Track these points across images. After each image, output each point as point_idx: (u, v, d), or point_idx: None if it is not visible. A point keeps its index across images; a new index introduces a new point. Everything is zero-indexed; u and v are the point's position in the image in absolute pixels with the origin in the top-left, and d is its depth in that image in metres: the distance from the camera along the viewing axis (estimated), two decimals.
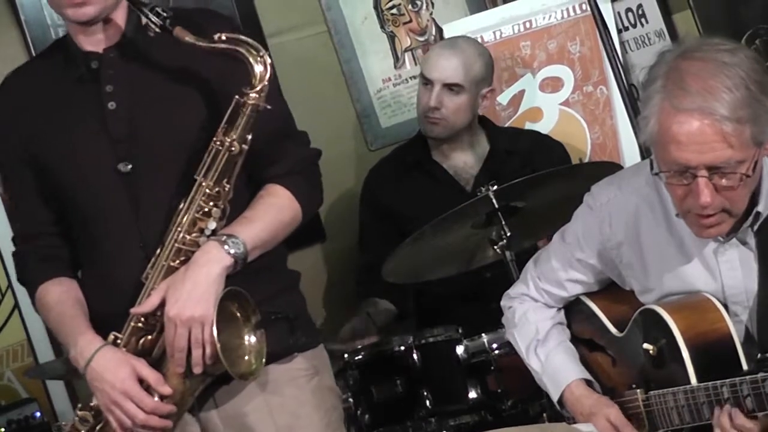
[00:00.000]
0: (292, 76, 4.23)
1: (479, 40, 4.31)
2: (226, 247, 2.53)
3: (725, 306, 2.54)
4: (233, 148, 2.54)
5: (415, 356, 3.41)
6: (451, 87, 3.92)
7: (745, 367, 2.46)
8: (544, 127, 4.37)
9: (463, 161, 4.05)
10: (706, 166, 2.35)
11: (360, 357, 3.48)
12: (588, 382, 2.76)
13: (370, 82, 4.42)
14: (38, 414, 3.73)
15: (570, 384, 2.76)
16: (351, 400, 3.47)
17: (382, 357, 3.45)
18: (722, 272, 2.54)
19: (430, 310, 4.06)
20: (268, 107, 2.55)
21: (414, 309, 4.13)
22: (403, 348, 3.43)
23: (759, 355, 2.44)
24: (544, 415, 3.19)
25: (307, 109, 4.19)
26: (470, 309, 3.78)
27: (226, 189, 2.57)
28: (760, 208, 2.47)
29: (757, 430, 2.36)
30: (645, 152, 3.50)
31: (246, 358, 2.55)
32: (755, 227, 2.49)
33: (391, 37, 4.48)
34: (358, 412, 3.47)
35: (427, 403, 3.39)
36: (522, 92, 4.41)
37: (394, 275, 3.64)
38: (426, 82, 3.94)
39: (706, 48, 2.40)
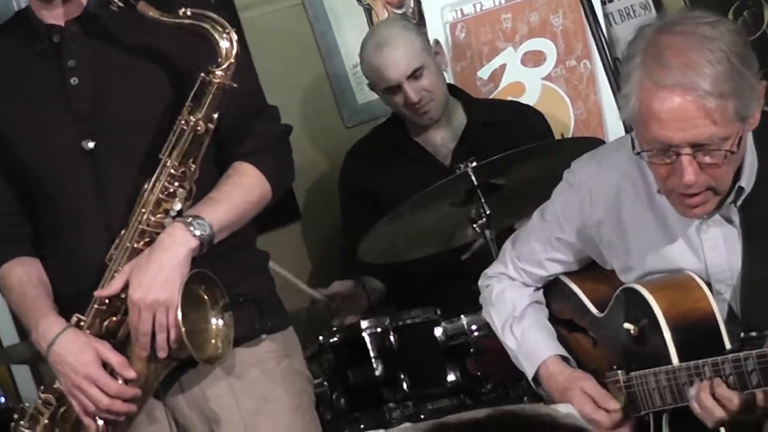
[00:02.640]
0: (265, 51, 4.21)
1: (458, 13, 4.30)
2: (191, 228, 2.53)
3: (708, 284, 2.53)
4: (199, 128, 2.54)
5: (392, 338, 3.39)
6: (414, 75, 3.89)
7: (728, 346, 2.46)
8: (526, 102, 4.33)
9: (441, 136, 4.04)
10: (689, 143, 2.34)
11: (335, 339, 3.47)
12: (564, 359, 2.76)
13: (346, 56, 4.38)
14: (3, 399, 3.71)
15: (545, 360, 2.76)
16: (326, 383, 3.46)
17: (358, 340, 3.43)
18: (705, 250, 2.54)
19: (408, 291, 4.04)
20: (234, 85, 2.54)
21: (392, 290, 4.11)
22: (379, 330, 3.41)
23: (742, 334, 2.44)
24: (525, 398, 3.18)
25: (280, 84, 4.21)
26: (450, 289, 3.76)
27: (192, 169, 2.56)
28: (742, 183, 2.46)
29: (737, 401, 2.35)
30: (629, 129, 3.48)
31: (212, 341, 2.56)
32: (738, 203, 2.48)
33: (368, 10, 4.45)
34: (334, 396, 3.45)
35: (405, 386, 3.37)
36: (503, 67, 4.39)
37: (370, 255, 3.63)
38: (389, 90, 3.91)
39: (687, 21, 2.38)
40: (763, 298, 2.46)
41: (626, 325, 2.58)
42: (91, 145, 2.60)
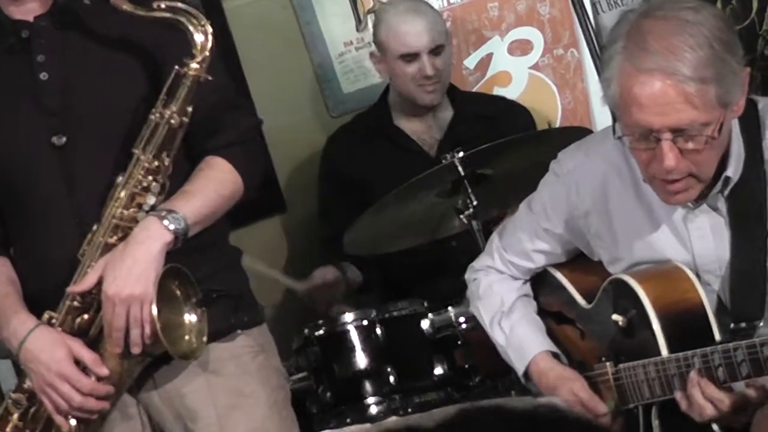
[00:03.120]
0: (250, 40, 4.19)
1: (445, 2, 4.28)
2: (165, 222, 2.51)
3: (697, 275, 2.51)
4: (173, 121, 2.52)
5: (378, 331, 3.36)
6: (435, 50, 3.88)
7: (717, 337, 2.44)
8: (512, 91, 4.33)
9: (427, 126, 4.01)
10: (670, 128, 2.32)
11: (321, 332, 3.43)
12: (554, 355, 2.75)
13: (331, 45, 4.35)
14: None
15: (535, 356, 2.74)
16: (312, 377, 3.42)
17: (344, 332, 3.39)
18: (692, 240, 2.52)
19: (395, 283, 4.01)
20: (210, 78, 2.52)
21: (379, 282, 4.08)
22: (365, 322, 3.39)
23: (732, 325, 2.44)
24: (513, 392, 3.14)
25: (265, 74, 4.20)
26: (437, 281, 3.75)
27: (166, 163, 2.54)
28: (729, 172, 2.45)
29: (728, 401, 2.35)
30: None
31: (186, 337, 2.54)
32: (725, 192, 2.47)
33: None
34: (320, 389, 3.42)
35: (391, 379, 3.34)
36: (490, 56, 4.36)
37: (355, 247, 3.60)
38: (405, 56, 3.87)
39: (669, 6, 2.36)
40: (751, 288, 2.45)
41: (614, 317, 2.56)
42: (61, 140, 2.58)
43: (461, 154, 3.35)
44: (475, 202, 3.35)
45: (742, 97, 2.38)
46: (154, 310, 2.46)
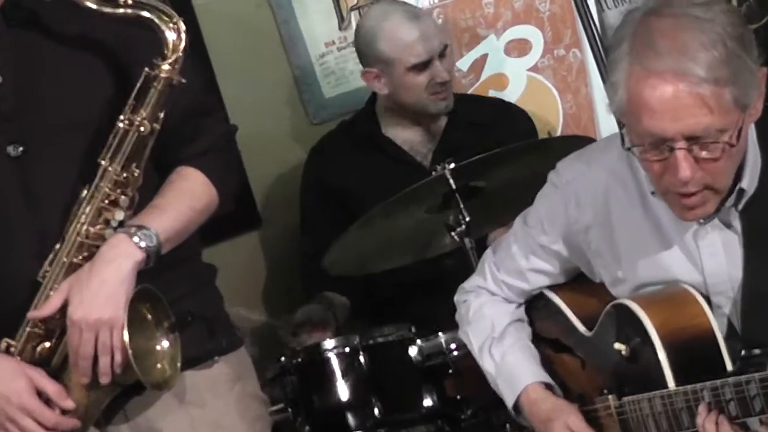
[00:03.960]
0: (223, 41, 4.22)
1: None
2: (136, 239, 2.51)
3: (707, 298, 2.53)
4: (143, 128, 2.52)
5: (361, 359, 3.41)
6: (443, 52, 3.93)
7: (729, 366, 2.45)
8: (509, 95, 4.38)
9: (420, 134, 4.04)
10: (684, 135, 2.34)
11: (299, 360, 3.47)
12: (548, 386, 2.76)
13: (311, 45, 4.38)
14: None
15: (527, 387, 2.75)
16: (289, 409, 3.46)
17: (324, 360, 3.43)
18: (703, 258, 2.54)
19: (380, 305, 4.05)
20: (183, 81, 2.53)
21: (364, 306, 4.12)
22: (348, 350, 3.42)
23: (743, 352, 2.43)
24: (507, 426, 3.18)
25: (239, 77, 4.23)
26: (426, 304, 3.78)
27: (135, 174, 2.55)
28: (743, 184, 2.46)
29: None
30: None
31: (159, 365, 2.55)
32: (740, 206, 2.48)
33: None
34: (298, 422, 3.45)
35: (376, 411, 3.38)
36: (485, 57, 4.40)
37: (338, 267, 3.63)
38: (416, 67, 3.91)
39: (677, 3, 2.38)
40: (765, 311, 2.46)
41: (617, 345, 2.57)
42: (18, 150, 2.57)
43: (452, 165, 3.39)
44: (467, 218, 3.39)
45: (759, 99, 2.39)
46: (126, 336, 2.47)
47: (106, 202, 2.54)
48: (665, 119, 2.33)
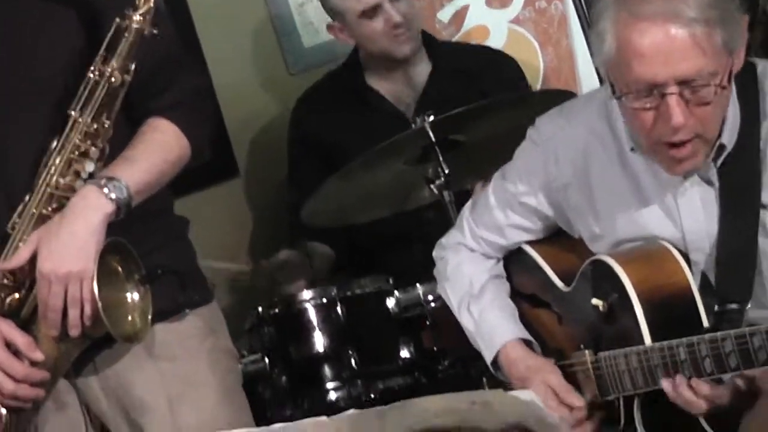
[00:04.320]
0: None
1: None
2: (106, 191, 2.49)
3: (685, 255, 2.53)
4: (114, 79, 2.50)
5: (338, 310, 3.41)
6: None
7: (705, 324, 2.46)
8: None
9: (403, 84, 4.01)
10: (676, 80, 2.33)
11: (276, 311, 3.46)
12: (527, 343, 2.77)
13: None
14: None
15: (505, 344, 2.76)
16: (266, 359, 3.45)
17: (301, 311, 3.42)
18: (682, 214, 2.54)
19: (361, 257, 4.03)
20: (155, 32, 2.51)
21: (344, 257, 4.10)
22: (325, 301, 3.42)
23: (717, 307, 2.45)
24: (484, 378, 3.17)
25: (217, 26, 4.21)
26: (405, 255, 3.78)
27: (106, 126, 2.53)
28: (724, 140, 2.46)
29: (727, 394, 2.36)
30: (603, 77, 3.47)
31: (129, 317, 2.55)
32: (718, 162, 2.48)
33: None
34: (274, 372, 3.45)
35: (353, 363, 3.39)
36: (466, 8, 4.36)
37: (317, 218, 3.61)
38: (366, 13, 3.86)
39: None
40: (740, 267, 2.47)
41: (594, 301, 2.58)
42: None
43: (432, 118, 3.36)
44: (446, 171, 3.37)
45: (743, 46, 2.40)
46: (95, 288, 2.46)
47: (77, 153, 2.52)
48: (656, 64, 2.33)
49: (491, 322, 2.78)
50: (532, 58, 4.34)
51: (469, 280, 2.83)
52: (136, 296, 2.55)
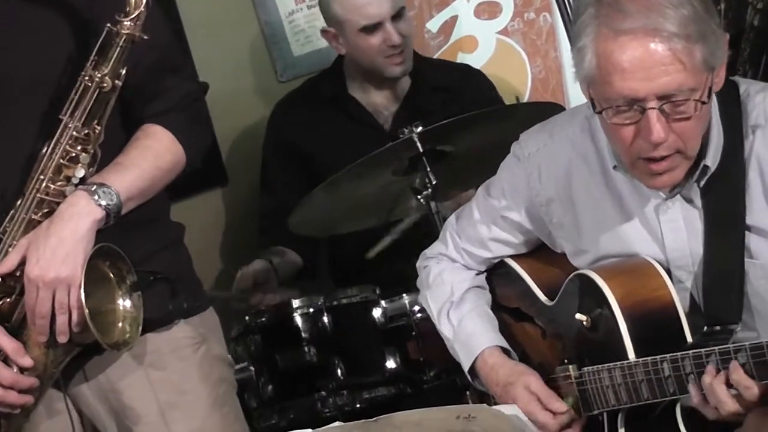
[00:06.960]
0: None
1: None
2: (96, 197, 2.50)
3: (668, 271, 2.54)
4: (104, 85, 2.51)
5: (325, 320, 3.42)
6: (397, 15, 3.90)
7: (689, 339, 2.46)
8: (478, 58, 4.37)
9: (384, 96, 4.03)
10: (657, 95, 2.34)
11: (263, 320, 3.46)
12: (504, 351, 2.76)
13: (280, 3, 4.36)
14: None
15: (483, 351, 2.75)
16: (252, 368, 3.45)
17: (289, 321, 3.43)
18: (664, 232, 2.54)
19: (346, 267, 4.04)
20: (145, 37, 2.51)
21: (329, 266, 4.13)
22: (312, 310, 3.44)
23: (705, 327, 2.46)
24: (467, 392, 3.18)
25: (207, 34, 4.21)
26: (392, 266, 3.77)
27: (97, 131, 2.53)
28: (708, 161, 2.47)
29: (757, 390, 2.29)
30: None
31: (120, 325, 2.54)
32: (702, 183, 2.49)
33: None
34: (261, 381, 3.46)
35: (339, 373, 3.40)
36: (454, 18, 4.39)
37: (303, 227, 3.63)
38: (367, 29, 3.88)
39: None
40: (727, 289, 2.47)
41: (578, 316, 2.58)
42: None
43: (420, 128, 3.38)
44: (434, 182, 3.38)
45: (724, 63, 2.41)
46: (83, 295, 2.46)
47: (67, 158, 2.53)
48: (636, 79, 2.33)
49: (470, 330, 2.78)
50: (520, 69, 4.36)
51: (450, 289, 2.83)
52: (127, 303, 2.55)
